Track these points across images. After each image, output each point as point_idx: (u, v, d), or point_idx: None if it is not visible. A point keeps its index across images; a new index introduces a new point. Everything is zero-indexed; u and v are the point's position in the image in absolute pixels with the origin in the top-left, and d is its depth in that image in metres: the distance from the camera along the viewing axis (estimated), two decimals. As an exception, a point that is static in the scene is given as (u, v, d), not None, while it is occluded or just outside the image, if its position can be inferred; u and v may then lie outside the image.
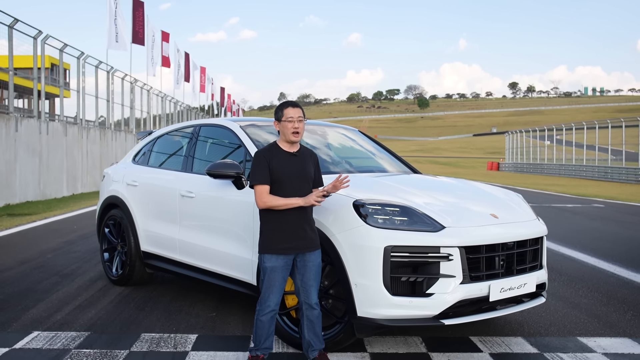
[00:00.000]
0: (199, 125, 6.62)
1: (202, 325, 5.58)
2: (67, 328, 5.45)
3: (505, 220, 4.96)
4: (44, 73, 20.35)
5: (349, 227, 4.57)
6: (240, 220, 5.43)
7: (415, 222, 4.55)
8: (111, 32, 27.98)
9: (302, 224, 4.36)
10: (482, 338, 5.29)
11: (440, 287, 4.45)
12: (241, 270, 5.42)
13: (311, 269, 4.40)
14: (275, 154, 4.45)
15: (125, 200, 7.01)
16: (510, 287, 4.74)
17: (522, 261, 4.98)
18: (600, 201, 21.18)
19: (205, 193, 5.90)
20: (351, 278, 4.52)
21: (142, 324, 5.61)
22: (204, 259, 5.88)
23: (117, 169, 7.59)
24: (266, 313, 4.41)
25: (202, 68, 56.75)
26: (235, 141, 5.94)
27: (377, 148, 6.92)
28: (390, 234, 4.46)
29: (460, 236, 4.53)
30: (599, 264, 8.80)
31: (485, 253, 4.65)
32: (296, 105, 4.52)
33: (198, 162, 6.30)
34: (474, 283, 4.54)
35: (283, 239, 4.34)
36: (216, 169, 5.36)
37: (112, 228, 7.27)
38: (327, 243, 4.64)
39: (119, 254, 7.14)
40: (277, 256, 4.36)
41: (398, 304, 4.41)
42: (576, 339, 5.34)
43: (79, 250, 9.45)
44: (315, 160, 4.55)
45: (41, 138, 18.72)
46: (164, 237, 6.43)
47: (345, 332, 4.71)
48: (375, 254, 4.42)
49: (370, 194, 4.83)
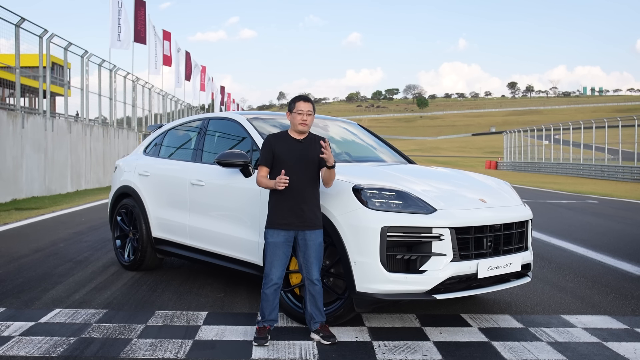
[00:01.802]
0: (207, 119, 7.04)
1: (211, 304, 5.99)
2: (86, 306, 5.86)
3: (493, 204, 5.38)
4: (49, 72, 20.72)
5: (349, 210, 4.99)
6: (247, 206, 5.85)
7: (410, 205, 4.96)
8: (114, 31, 28.40)
9: (299, 204, 4.81)
10: (472, 315, 5.70)
11: (432, 265, 4.86)
12: (248, 252, 5.83)
13: (311, 247, 4.82)
14: (282, 139, 4.93)
15: (137, 190, 7.42)
16: (497, 266, 5.15)
17: (509, 242, 5.39)
18: (594, 198, 21.59)
19: (214, 181, 6.31)
20: (351, 256, 4.93)
21: (155, 303, 6.02)
22: (213, 243, 6.29)
23: (128, 160, 8.00)
24: (270, 286, 4.85)
25: (203, 67, 57.19)
26: (242, 133, 6.35)
27: (377, 141, 7.34)
28: (387, 216, 4.87)
29: (451, 218, 4.95)
30: (588, 253, 9.22)
31: (474, 234, 5.06)
32: (308, 100, 4.97)
33: (207, 153, 6.71)
34: (463, 261, 4.95)
35: (281, 215, 4.83)
36: (225, 158, 5.78)
37: (124, 216, 7.67)
38: (329, 225, 5.05)
39: (131, 240, 7.55)
40: (278, 231, 4.83)
41: (394, 279, 4.82)
42: (559, 316, 5.75)
43: (89, 240, 9.85)
44: None
45: (47, 135, 19.11)
46: (174, 223, 6.83)
47: (346, 307, 5.11)
48: (372, 234, 4.83)
49: (368, 180, 5.25)
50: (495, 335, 5.14)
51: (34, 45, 19.37)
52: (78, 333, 5.02)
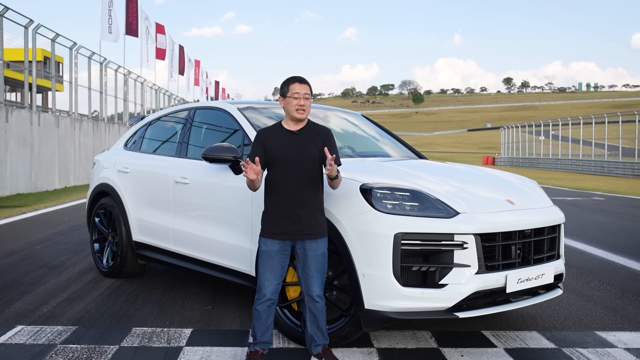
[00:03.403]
0: (193, 109, 6.29)
1: (197, 319, 5.26)
2: (54, 322, 5.12)
3: (521, 206, 4.65)
4: (35, 65, 19.91)
5: (356, 213, 4.25)
6: (238, 208, 5.11)
7: (427, 208, 4.23)
8: (104, 23, 27.57)
9: (296, 208, 4.03)
10: (495, 332, 4.99)
11: (454, 278, 4.13)
12: (239, 260, 5.10)
13: (312, 259, 4.07)
14: (274, 133, 4.16)
15: (116, 188, 6.67)
16: (527, 278, 4.43)
17: (540, 250, 4.67)
18: (599, 194, 20.93)
19: (201, 179, 5.58)
20: (358, 268, 4.20)
21: (133, 318, 5.28)
22: (199, 249, 5.56)
23: (108, 155, 7.25)
24: (262, 302, 4.10)
25: (197, 61, 56.31)
26: (233, 125, 5.61)
27: (383, 134, 6.60)
28: (401, 220, 4.14)
29: (476, 223, 4.22)
30: (608, 256, 8.51)
31: (502, 241, 4.33)
32: (303, 81, 4.19)
33: (193, 147, 5.97)
34: (489, 273, 4.23)
35: (274, 223, 4.06)
36: (212, 153, 5.03)
37: (103, 217, 6.93)
38: (332, 230, 4.32)
39: (110, 244, 6.81)
40: (272, 240, 4.07)
41: (409, 295, 4.09)
42: (594, 333, 5.04)
43: (69, 241, 9.10)
44: (325, 138, 4.18)
45: (32, 129, 18.34)
46: (156, 226, 6.09)
47: (351, 326, 4.39)
48: (384, 242, 4.10)
49: (378, 178, 4.51)
50: (526, 358, 4.42)
51: (19, 37, 18.62)
52: (38, 358, 4.28)
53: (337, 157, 4.08)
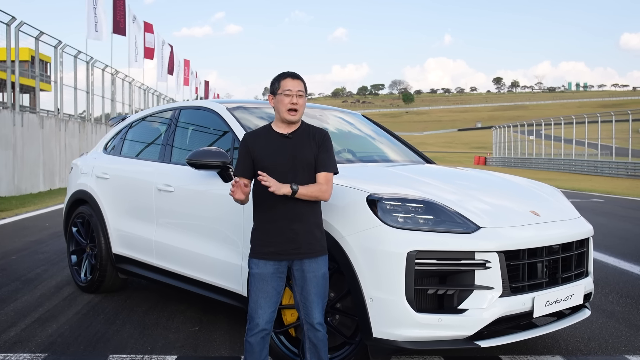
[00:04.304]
0: (178, 109, 5.73)
1: (182, 343, 4.71)
2: (20, 348, 4.55)
3: (547, 218, 4.13)
4: (18, 64, 19.26)
5: (363, 228, 3.72)
6: (228, 219, 4.57)
7: (444, 221, 3.71)
8: (90, 21, 26.89)
9: (291, 224, 3.47)
10: (514, 357, 4.47)
11: (475, 302, 3.61)
12: (229, 278, 4.56)
13: (311, 281, 3.52)
14: (262, 137, 3.59)
15: (94, 195, 6.11)
16: (556, 300, 3.91)
17: (568, 267, 4.15)
18: (597, 195, 20.50)
19: (186, 186, 5.03)
20: (365, 291, 3.67)
21: (111, 342, 4.73)
22: (184, 265, 5.01)
23: (86, 159, 6.68)
24: (255, 333, 3.53)
25: (186, 61, 55.58)
26: (222, 126, 5.06)
27: (384, 135, 6.06)
28: (414, 236, 3.61)
29: (500, 238, 3.70)
30: (620, 264, 8.02)
31: (527, 259, 3.81)
32: (297, 76, 3.64)
33: (178, 150, 5.42)
34: (515, 295, 3.72)
35: (266, 241, 3.50)
36: (198, 158, 4.47)
37: (81, 227, 6.37)
38: (335, 247, 3.79)
39: (88, 256, 6.25)
40: (265, 262, 3.51)
41: (424, 322, 3.57)
42: (625, 357, 4.53)
43: (47, 250, 8.53)
44: (320, 141, 3.62)
45: (15, 130, 17.69)
46: (138, 238, 5.54)
47: (356, 356, 3.86)
48: (396, 261, 3.57)
49: (385, 187, 3.98)
50: (554, 391, 3.91)
51: (1, 35, 17.98)
52: (-3, 396, 3.74)
53: (334, 163, 3.56)
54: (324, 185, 3.50)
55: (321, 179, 3.52)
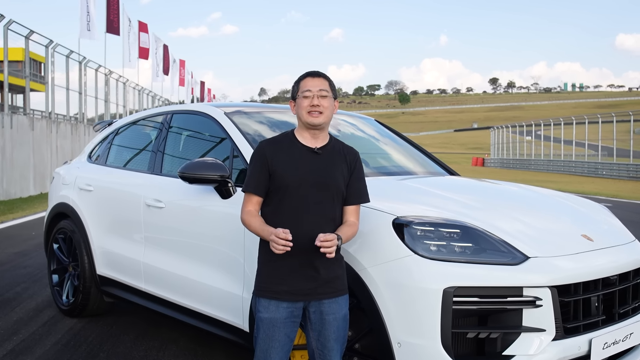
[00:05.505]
0: (171, 113, 5.11)
1: (174, 382, 4.12)
2: (-14, 391, 3.96)
3: (601, 244, 3.52)
4: (7, 64, 18.64)
5: (389, 259, 3.11)
6: (226, 241, 3.96)
7: (485, 250, 3.11)
8: (83, 19, 26.25)
9: (312, 260, 2.87)
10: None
11: (523, 347, 3.01)
12: (227, 309, 3.95)
13: (331, 325, 2.93)
14: (284, 147, 2.99)
15: (77, 209, 5.49)
16: (614, 341, 3.31)
17: (624, 301, 3.55)
18: (603, 199, 19.91)
19: (179, 202, 4.42)
20: (392, 334, 3.06)
21: (92, 382, 4.13)
22: (176, 291, 4.40)
23: (69, 168, 6.06)
24: None
25: (182, 61, 54.96)
26: (219, 133, 4.45)
27: (401, 143, 5.44)
28: (451, 269, 3.01)
29: (552, 271, 3.10)
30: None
31: (582, 294, 3.22)
32: (318, 74, 3.07)
33: (169, 160, 4.80)
34: (569, 338, 3.12)
35: (279, 277, 2.90)
36: (192, 171, 3.85)
37: (62, 244, 5.75)
38: (355, 280, 3.18)
39: (71, 276, 5.63)
40: (277, 303, 2.90)
41: (462, 372, 2.97)
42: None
43: (30, 264, 7.90)
44: (352, 164, 3.07)
45: (4, 132, 17.05)
46: (125, 259, 4.93)
47: (379, 407, 3.26)
48: (430, 299, 2.97)
49: (413, 207, 3.38)
50: None
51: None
52: None
53: (366, 193, 3.03)
54: (358, 222, 2.99)
55: (354, 214, 3.00)
